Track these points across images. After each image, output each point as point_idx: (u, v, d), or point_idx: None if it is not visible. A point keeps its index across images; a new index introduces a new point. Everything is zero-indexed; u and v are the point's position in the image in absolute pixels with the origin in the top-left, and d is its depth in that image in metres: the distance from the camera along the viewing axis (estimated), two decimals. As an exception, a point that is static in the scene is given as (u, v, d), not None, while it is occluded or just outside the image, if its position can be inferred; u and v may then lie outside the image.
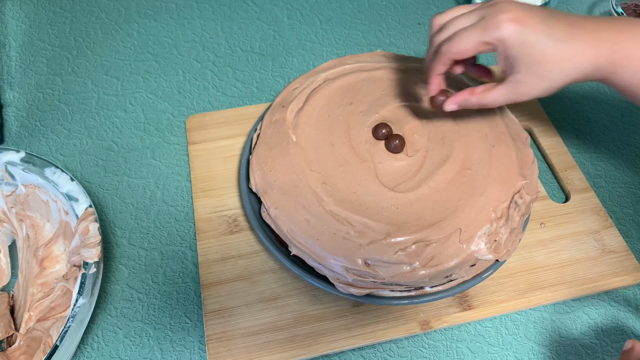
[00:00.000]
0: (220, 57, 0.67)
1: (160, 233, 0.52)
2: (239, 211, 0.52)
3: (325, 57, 0.67)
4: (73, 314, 0.39)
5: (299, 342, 0.45)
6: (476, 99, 0.43)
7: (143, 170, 0.56)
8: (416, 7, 0.73)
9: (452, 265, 0.42)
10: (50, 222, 0.49)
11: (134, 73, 0.65)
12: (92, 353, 0.46)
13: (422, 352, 0.46)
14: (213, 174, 0.55)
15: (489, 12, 0.40)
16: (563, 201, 0.54)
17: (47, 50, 0.67)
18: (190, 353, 0.46)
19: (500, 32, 0.38)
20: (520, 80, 0.40)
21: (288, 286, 0.48)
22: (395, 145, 0.48)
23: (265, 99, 0.63)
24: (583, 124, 0.61)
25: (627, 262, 0.49)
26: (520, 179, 0.46)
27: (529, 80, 0.40)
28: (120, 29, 0.70)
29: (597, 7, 0.74)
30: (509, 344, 0.46)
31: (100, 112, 0.61)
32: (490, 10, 0.40)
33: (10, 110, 0.61)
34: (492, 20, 0.39)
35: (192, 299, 0.48)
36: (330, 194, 0.46)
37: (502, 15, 0.38)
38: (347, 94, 0.53)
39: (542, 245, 0.50)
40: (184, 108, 0.62)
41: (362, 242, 0.43)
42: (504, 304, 0.47)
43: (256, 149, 0.51)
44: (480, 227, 0.44)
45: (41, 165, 0.46)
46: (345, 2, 0.74)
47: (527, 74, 0.40)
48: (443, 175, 0.47)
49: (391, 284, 0.43)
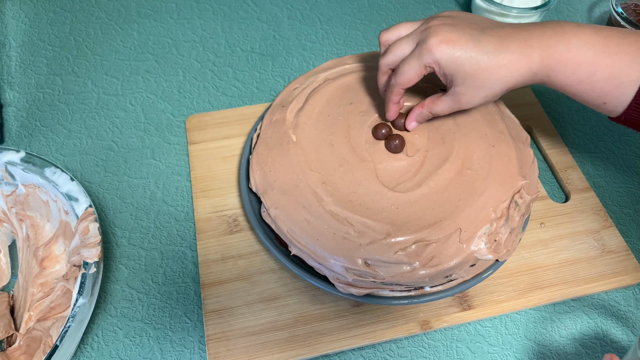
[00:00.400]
0: (220, 57, 0.67)
1: (160, 233, 0.52)
2: (239, 211, 0.52)
3: (325, 57, 0.67)
4: (73, 314, 0.39)
5: (299, 342, 0.45)
6: (427, 110, 0.47)
7: (143, 170, 0.56)
8: (416, 7, 0.73)
9: (452, 265, 0.42)
10: (50, 222, 0.49)
11: (134, 73, 0.65)
12: (92, 353, 0.46)
13: (422, 352, 0.46)
14: (213, 174, 0.55)
15: (422, 37, 0.43)
16: (563, 201, 0.54)
17: (47, 50, 0.67)
18: (190, 353, 0.46)
19: (433, 55, 0.42)
20: (459, 92, 0.43)
21: (288, 286, 0.48)
22: (395, 145, 0.48)
23: (265, 99, 0.63)
24: (583, 124, 0.61)
25: (627, 262, 0.49)
26: (520, 179, 0.46)
27: (467, 91, 0.43)
28: (120, 29, 0.70)
29: (597, 7, 0.74)
30: (509, 344, 0.46)
31: (100, 112, 0.61)
32: (423, 35, 0.43)
33: (10, 110, 0.61)
34: (425, 46, 0.42)
35: (192, 299, 0.48)
36: (330, 193, 0.46)
37: (432, 39, 0.42)
38: (347, 94, 0.53)
39: (542, 245, 0.50)
40: (184, 108, 0.62)
41: (362, 242, 0.43)
42: (504, 304, 0.47)
43: (256, 149, 0.51)
44: (480, 227, 0.44)
45: (41, 165, 0.46)
46: (345, 2, 0.74)
47: (464, 87, 0.43)
48: (443, 175, 0.47)
49: (391, 284, 0.43)
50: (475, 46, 0.41)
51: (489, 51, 0.41)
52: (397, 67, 0.45)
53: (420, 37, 0.43)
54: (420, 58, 0.42)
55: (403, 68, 0.44)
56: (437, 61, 0.42)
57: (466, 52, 0.41)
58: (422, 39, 0.43)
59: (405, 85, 0.45)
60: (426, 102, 0.47)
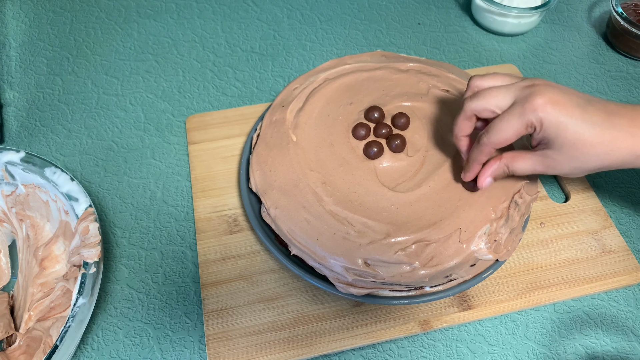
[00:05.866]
0: (220, 57, 0.67)
1: (160, 233, 0.52)
2: (239, 211, 0.52)
3: (325, 57, 0.67)
4: (73, 313, 0.39)
5: (299, 342, 0.45)
6: (505, 166, 0.43)
7: (143, 170, 0.56)
8: (416, 7, 0.73)
9: (452, 265, 0.42)
10: (50, 222, 0.49)
11: (134, 73, 0.65)
12: (92, 353, 0.46)
13: (422, 352, 0.46)
14: (213, 174, 0.55)
15: (526, 94, 0.39)
16: (563, 201, 0.54)
17: (47, 50, 0.67)
18: (190, 353, 0.46)
19: (537, 115, 0.38)
20: (551, 156, 0.40)
21: (288, 286, 0.48)
22: (395, 145, 0.48)
23: (265, 99, 0.63)
24: (583, 124, 0.61)
25: (627, 262, 0.49)
26: (520, 179, 0.46)
27: (560, 158, 0.40)
28: (120, 29, 0.70)
29: (597, 7, 0.74)
30: (509, 344, 0.46)
31: (100, 112, 0.61)
32: (527, 92, 0.40)
33: (10, 110, 0.61)
34: (529, 105, 0.39)
35: (192, 299, 0.48)
36: (330, 193, 0.46)
37: (539, 99, 0.38)
38: (347, 94, 0.53)
39: (542, 245, 0.50)
40: (184, 108, 0.62)
41: (362, 242, 0.43)
42: (504, 304, 0.47)
43: (256, 149, 0.51)
44: (480, 227, 0.44)
45: (41, 165, 0.46)
46: (345, 2, 0.74)
47: (558, 153, 0.40)
48: (443, 175, 0.47)
49: (391, 284, 0.43)
50: (582, 115, 0.38)
51: (595, 123, 0.38)
52: (492, 125, 0.41)
53: (522, 93, 0.40)
54: (522, 116, 0.39)
55: (500, 125, 0.40)
56: (540, 121, 0.39)
57: (572, 119, 0.38)
58: (525, 96, 0.39)
59: (499, 145, 0.41)
60: (505, 157, 0.43)
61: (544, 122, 0.39)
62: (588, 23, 0.72)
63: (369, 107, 0.51)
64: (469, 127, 0.44)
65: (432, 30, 0.71)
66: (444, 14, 0.73)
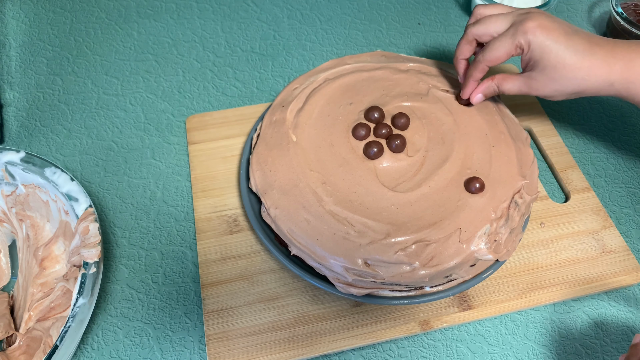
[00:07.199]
0: (220, 57, 0.67)
1: (160, 233, 0.52)
2: (239, 211, 0.52)
3: (325, 57, 0.67)
4: (73, 314, 0.39)
5: (299, 342, 0.45)
6: (496, 85, 0.48)
7: (143, 170, 0.56)
8: (416, 7, 0.73)
9: (452, 265, 0.42)
10: (50, 222, 0.49)
11: (134, 73, 0.65)
12: (92, 353, 0.46)
13: (422, 352, 0.46)
14: (213, 174, 0.55)
15: (520, 18, 0.44)
16: (563, 201, 0.54)
17: (47, 50, 0.67)
18: (190, 353, 0.46)
19: (526, 37, 0.43)
20: (534, 77, 0.45)
21: (288, 286, 0.48)
22: (396, 145, 0.48)
23: (265, 99, 0.63)
24: (583, 124, 0.61)
25: (627, 262, 0.49)
26: (520, 179, 0.46)
27: (542, 79, 0.45)
28: (120, 29, 0.70)
29: (597, 7, 0.74)
30: (509, 344, 0.46)
31: (100, 112, 0.61)
32: (521, 17, 0.44)
33: (10, 110, 0.61)
34: (521, 27, 0.43)
35: (192, 299, 0.48)
36: (330, 194, 0.46)
37: (530, 22, 0.43)
38: (347, 94, 0.53)
39: (542, 245, 0.50)
40: (184, 108, 0.62)
41: (362, 242, 0.43)
42: (504, 304, 0.47)
43: (256, 149, 0.51)
44: (480, 227, 0.44)
45: (41, 165, 0.46)
46: (345, 2, 0.74)
47: (541, 74, 0.44)
48: (443, 175, 0.47)
49: (391, 284, 0.43)
50: (566, 41, 0.43)
51: (577, 50, 0.43)
52: (488, 44, 0.46)
53: (518, 18, 0.44)
54: (514, 37, 0.44)
55: (494, 45, 0.45)
56: (528, 43, 0.43)
57: (556, 43, 0.43)
58: (519, 20, 0.44)
59: (492, 63, 0.46)
60: (496, 77, 0.48)
61: (532, 44, 0.43)
62: (588, 23, 0.72)
63: (369, 107, 0.51)
64: (469, 50, 0.49)
65: (432, 30, 0.71)
66: (444, 14, 0.73)
